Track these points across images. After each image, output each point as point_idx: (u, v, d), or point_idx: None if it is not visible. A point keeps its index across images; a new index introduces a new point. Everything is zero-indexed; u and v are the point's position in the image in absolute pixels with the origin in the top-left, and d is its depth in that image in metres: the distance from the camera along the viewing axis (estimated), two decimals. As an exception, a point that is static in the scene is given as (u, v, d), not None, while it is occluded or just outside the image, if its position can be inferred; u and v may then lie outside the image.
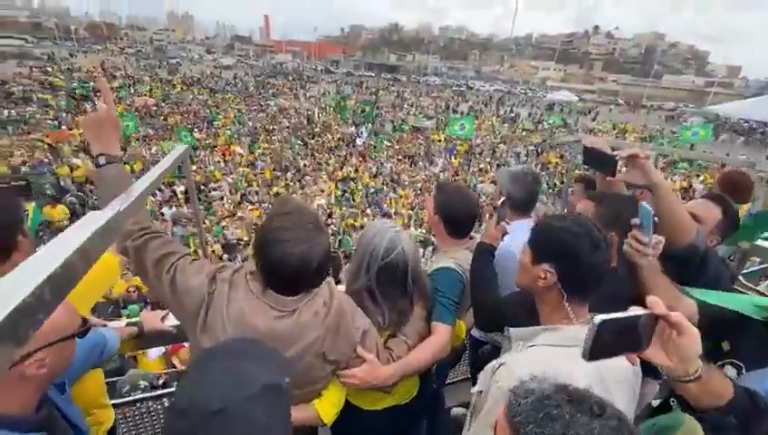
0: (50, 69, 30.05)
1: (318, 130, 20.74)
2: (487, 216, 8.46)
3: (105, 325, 1.46)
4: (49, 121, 17.62)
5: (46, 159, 12.35)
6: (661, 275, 1.13)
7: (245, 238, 8.55)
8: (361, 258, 1.26)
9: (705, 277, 1.28)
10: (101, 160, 1.05)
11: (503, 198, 1.53)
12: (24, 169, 11.33)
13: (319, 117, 23.69)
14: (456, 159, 17.80)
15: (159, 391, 2.39)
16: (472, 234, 1.58)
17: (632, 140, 25.45)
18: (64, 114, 19.02)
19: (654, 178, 1.24)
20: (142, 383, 4.21)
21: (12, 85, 22.77)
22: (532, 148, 20.78)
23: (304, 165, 14.94)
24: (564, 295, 0.92)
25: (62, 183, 10.75)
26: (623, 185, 1.49)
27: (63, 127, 16.72)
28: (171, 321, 1.44)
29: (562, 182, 12.72)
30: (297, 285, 0.99)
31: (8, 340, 0.33)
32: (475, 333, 1.88)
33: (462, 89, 50.66)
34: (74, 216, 9.20)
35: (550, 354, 0.89)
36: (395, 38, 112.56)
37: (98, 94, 19.93)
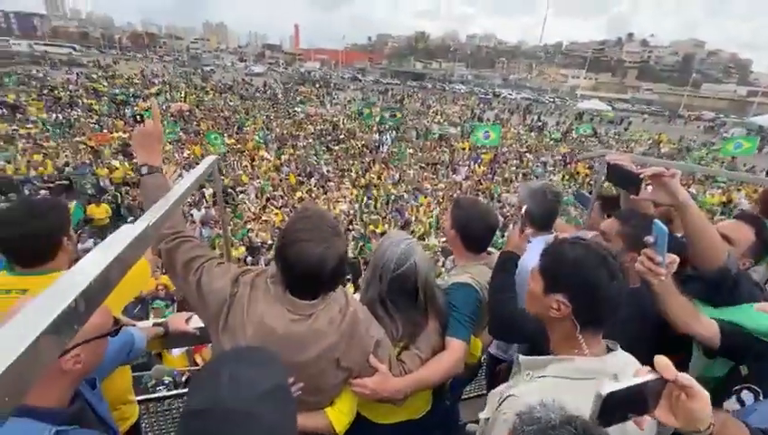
0: (94, 75, 31.99)
1: (342, 136, 21.04)
2: (511, 225, 8.27)
3: (134, 325, 1.54)
4: (92, 125, 18.73)
5: (88, 161, 13.10)
6: (677, 295, 1.09)
7: (269, 241, 8.75)
8: (375, 268, 1.28)
9: (738, 302, 1.22)
10: (144, 170, 1.16)
11: (525, 207, 1.52)
12: (67, 169, 12.09)
13: (344, 124, 24.03)
14: (480, 167, 17.60)
15: (181, 390, 2.47)
16: (489, 249, 1.57)
17: (667, 151, 24.45)
18: (106, 118, 20.18)
19: (680, 197, 1.19)
20: (166, 379, 4.40)
21: (60, 91, 24.38)
22: (560, 157, 20.28)
23: (327, 171, 15.16)
24: (578, 327, 0.88)
25: (101, 183, 11.37)
26: (649, 203, 1.45)
27: (105, 130, 17.72)
28: (195, 323, 1.51)
29: (590, 192, 12.35)
30: (314, 285, 1.02)
31: (51, 346, 0.36)
32: (493, 349, 1.85)
33: (488, 96, 50.17)
34: (115, 215, 9.73)
35: (560, 387, 0.86)
36: (421, 46, 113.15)
37: (137, 100, 21.05)
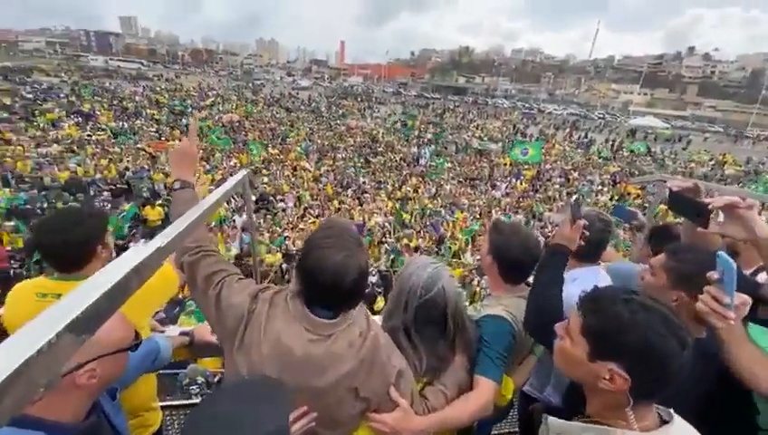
0: (158, 88, 34.87)
1: (381, 149, 21.28)
2: (555, 215, 7.72)
3: (163, 331, 1.58)
4: (152, 133, 20.35)
5: (146, 166, 14.18)
6: (747, 343, 0.91)
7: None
8: (399, 295, 1.20)
9: None
10: (177, 185, 1.21)
11: (576, 196, 1.36)
12: (128, 173, 13.13)
13: (383, 137, 24.34)
14: (521, 184, 17.04)
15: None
16: (529, 280, 1.44)
17: (732, 173, 22.38)
18: (165, 127, 21.85)
19: (759, 231, 1.01)
20: (199, 379, 4.55)
21: (127, 102, 26.78)
22: (609, 177, 19.18)
23: (364, 183, 15.33)
24: (631, 401, 0.74)
25: (156, 187, 12.22)
26: (717, 238, 1.25)
27: (162, 138, 19.17)
28: None
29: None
30: (334, 295, 0.96)
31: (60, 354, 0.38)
32: (526, 386, 1.69)
33: (532, 111, 48.86)
34: (168, 217, 10.39)
35: None
36: (464, 61, 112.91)
37: (193, 111, 22.59)
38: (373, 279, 8.27)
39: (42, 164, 12.97)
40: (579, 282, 1.30)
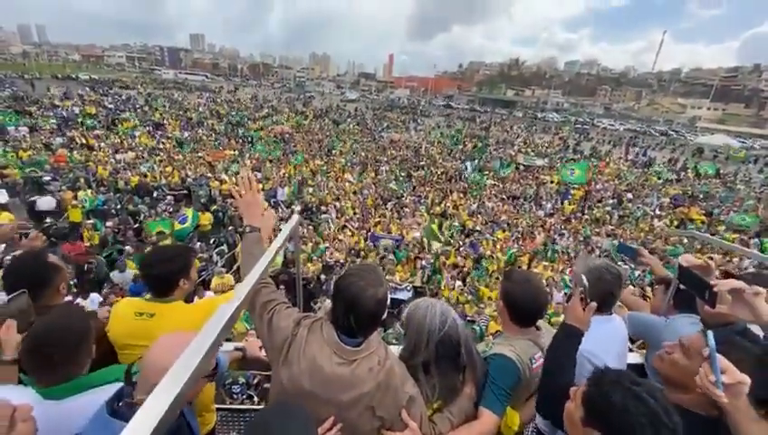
0: (218, 100, 37.69)
1: (423, 163, 21.38)
2: (561, 295, 7.51)
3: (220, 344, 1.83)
4: (212, 142, 22.02)
5: (206, 174, 15.39)
6: (755, 423, 0.94)
7: (342, 260, 9.20)
8: (418, 335, 1.33)
9: None
10: (248, 229, 1.49)
11: (584, 277, 1.44)
12: (189, 180, 14.34)
13: (426, 150, 24.44)
14: (569, 204, 16.32)
15: (249, 406, 2.74)
16: (539, 324, 1.53)
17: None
18: (223, 137, 23.56)
19: (764, 316, 1.09)
20: (241, 379, 4.95)
21: (191, 112, 29.21)
22: (669, 200, 17.76)
23: (404, 197, 15.49)
24: None
25: (212, 194, 13.22)
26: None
27: (221, 147, 20.67)
28: None
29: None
30: (359, 321, 1.16)
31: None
32: (540, 424, 1.74)
33: (585, 126, 46.63)
34: (217, 222, 11.23)
35: None
36: (514, 73, 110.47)
37: (248, 122, 23.99)
38: (410, 294, 8.36)
39: (118, 169, 14.54)
40: (589, 332, 1.35)
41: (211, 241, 9.88)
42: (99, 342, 1.43)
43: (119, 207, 11.21)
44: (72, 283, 6.02)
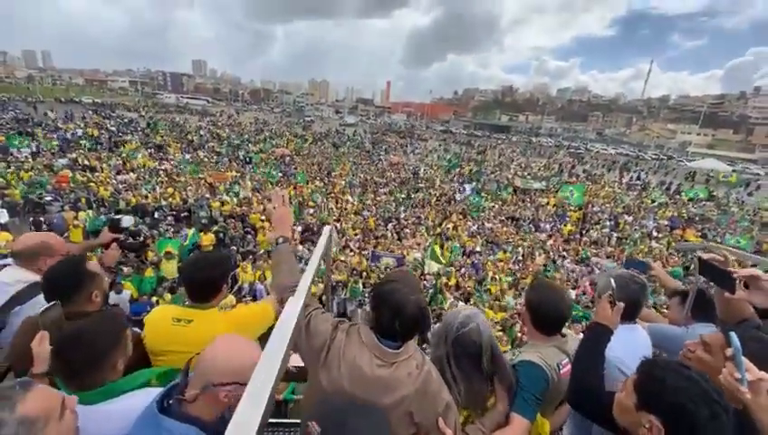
0: (219, 123, 38.31)
1: (422, 185, 21.63)
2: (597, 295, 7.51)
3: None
4: (212, 164, 22.23)
5: (206, 195, 15.45)
6: None
7: (344, 281, 9.15)
8: (441, 329, 1.42)
9: None
10: (280, 241, 1.53)
11: (613, 280, 1.49)
12: (189, 201, 14.38)
13: (424, 172, 24.77)
14: (567, 226, 16.46)
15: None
16: (564, 331, 1.56)
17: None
18: (224, 159, 23.81)
19: None
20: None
21: (193, 135, 29.61)
22: (666, 222, 17.99)
23: (404, 218, 15.58)
24: None
25: (213, 215, 13.24)
26: (747, 305, 1.38)
27: (221, 169, 20.85)
28: (293, 362, 1.73)
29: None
30: (397, 328, 1.18)
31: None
32: (568, 432, 1.74)
33: (579, 151, 47.59)
34: (219, 243, 11.19)
35: None
36: (508, 99, 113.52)
37: (248, 145, 24.28)
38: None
39: (119, 190, 14.58)
40: (616, 340, 1.39)
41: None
42: (136, 348, 1.43)
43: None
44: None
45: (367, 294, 8.14)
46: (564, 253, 13.16)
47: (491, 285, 9.57)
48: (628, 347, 1.50)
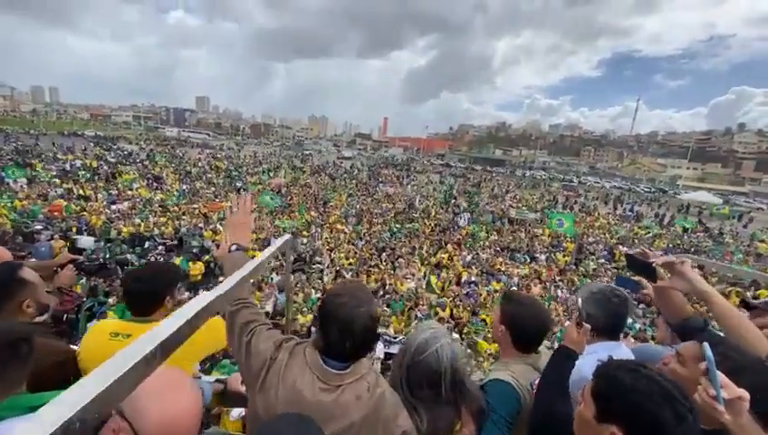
0: (218, 156, 38.90)
1: (417, 215, 21.70)
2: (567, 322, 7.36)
3: (200, 377, 1.70)
4: (208, 194, 22.32)
5: (199, 225, 15.38)
6: (758, 430, 0.87)
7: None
8: (399, 352, 1.31)
9: None
10: (233, 248, 1.44)
11: (581, 299, 1.43)
12: (182, 230, 14.29)
13: (419, 203, 24.93)
14: (563, 256, 16.38)
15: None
16: (539, 348, 1.46)
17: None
18: (221, 190, 23.96)
19: (698, 285, 1.26)
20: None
21: (191, 167, 29.95)
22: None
23: (399, 247, 15.47)
24: None
25: (205, 244, 13.10)
26: (684, 303, 1.46)
27: (217, 199, 20.91)
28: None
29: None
30: (345, 344, 1.05)
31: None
32: None
33: (572, 184, 48.36)
34: (209, 272, 11.00)
35: None
36: (501, 135, 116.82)
37: (246, 177, 24.58)
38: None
39: (112, 219, 14.51)
40: (596, 355, 1.30)
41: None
42: (64, 366, 1.33)
43: (107, 256, 11.00)
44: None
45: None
46: (560, 282, 12.99)
47: (484, 314, 9.35)
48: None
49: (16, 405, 0.91)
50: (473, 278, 12.56)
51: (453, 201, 26.26)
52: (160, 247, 12.25)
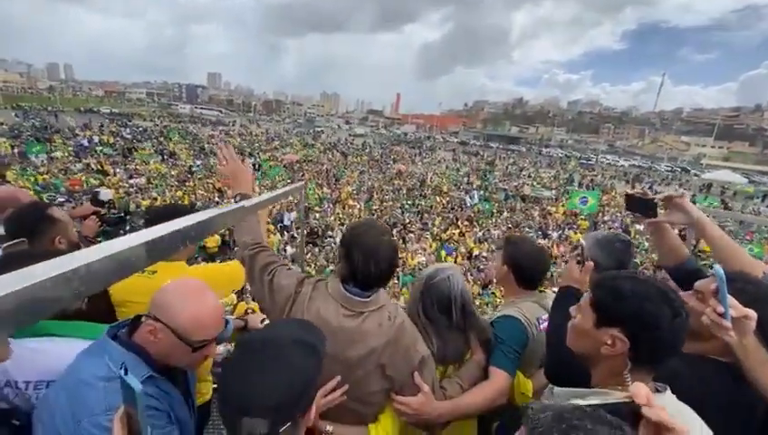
0: (231, 132, 39.07)
1: (429, 192, 21.61)
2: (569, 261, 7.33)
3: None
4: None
5: (215, 199, 15.68)
6: (764, 359, 0.90)
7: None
8: (414, 284, 1.40)
9: None
10: (238, 198, 1.43)
11: (582, 241, 1.45)
12: (197, 204, 14.59)
13: (431, 180, 24.78)
14: (576, 234, 16.20)
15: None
16: (545, 291, 1.51)
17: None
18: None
19: (694, 214, 1.31)
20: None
21: (204, 143, 30.22)
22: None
23: (410, 223, 15.52)
24: (628, 365, 0.81)
25: (220, 218, 13.40)
26: (671, 231, 1.48)
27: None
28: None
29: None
30: (370, 269, 1.08)
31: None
32: None
33: (590, 162, 47.16)
34: (224, 244, 11.30)
35: None
36: (518, 111, 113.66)
37: (258, 153, 24.68)
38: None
39: (130, 193, 14.89)
40: None
41: (217, 262, 9.91)
42: (98, 299, 1.42)
43: (128, 227, 11.36)
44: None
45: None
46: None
47: (495, 289, 9.43)
48: None
49: (78, 329, 1.09)
50: (484, 254, 12.59)
51: (466, 179, 26.01)
52: (177, 220, 12.58)
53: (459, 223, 15.86)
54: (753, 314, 0.90)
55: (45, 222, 1.48)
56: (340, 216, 15.70)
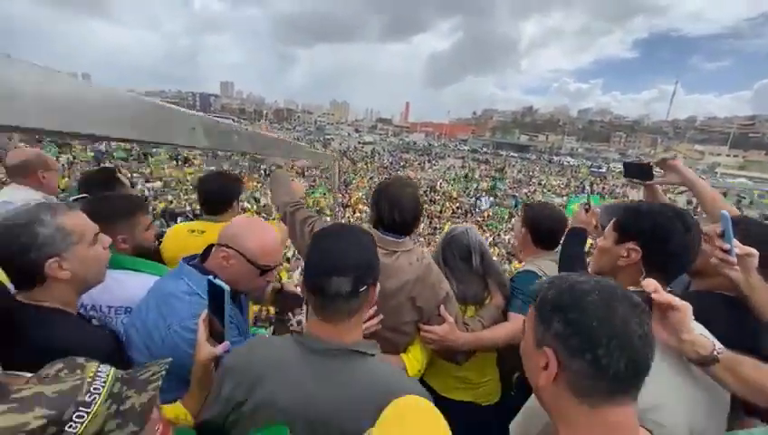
0: (244, 139, 39.77)
1: (438, 198, 21.66)
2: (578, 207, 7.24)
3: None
4: (238, 172, 23.02)
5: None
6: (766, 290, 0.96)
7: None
8: (438, 245, 1.55)
9: None
10: (274, 168, 1.74)
11: (588, 193, 1.58)
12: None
13: (440, 186, 24.84)
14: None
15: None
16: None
17: None
18: (247, 171, 24.66)
19: (688, 175, 1.43)
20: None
21: (217, 151, 30.81)
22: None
23: (420, 228, 15.58)
24: (643, 273, 0.89)
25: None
26: (663, 196, 1.63)
27: (244, 175, 21.55)
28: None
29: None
30: (402, 216, 1.22)
31: None
32: None
33: (601, 170, 46.71)
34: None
35: None
36: (527, 120, 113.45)
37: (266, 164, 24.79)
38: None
39: (146, 197, 15.25)
40: None
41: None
42: (150, 257, 1.53)
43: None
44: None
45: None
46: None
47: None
48: None
49: (148, 266, 1.27)
50: (494, 258, 12.56)
51: (475, 186, 26.01)
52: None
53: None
54: (754, 251, 0.98)
55: (114, 182, 1.70)
56: (351, 220, 15.82)
